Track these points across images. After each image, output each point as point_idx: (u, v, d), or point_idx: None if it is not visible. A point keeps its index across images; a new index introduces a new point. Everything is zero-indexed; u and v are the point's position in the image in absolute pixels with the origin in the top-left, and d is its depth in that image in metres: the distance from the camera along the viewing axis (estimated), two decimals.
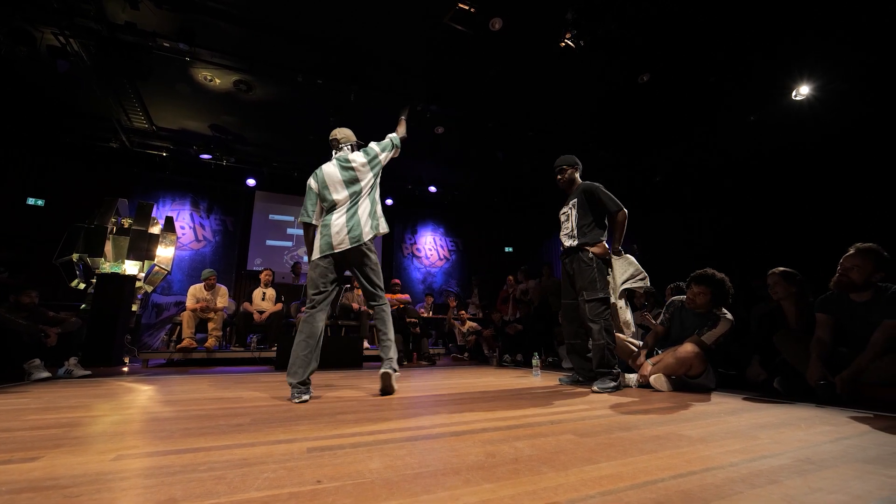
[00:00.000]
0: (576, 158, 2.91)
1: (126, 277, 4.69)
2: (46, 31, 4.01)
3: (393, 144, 2.59)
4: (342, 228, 2.24)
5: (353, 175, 2.35)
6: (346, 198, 2.31)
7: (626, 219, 2.60)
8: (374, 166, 2.44)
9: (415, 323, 5.03)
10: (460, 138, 6.16)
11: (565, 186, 2.90)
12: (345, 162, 2.38)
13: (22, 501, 0.79)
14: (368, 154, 2.45)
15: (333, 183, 2.32)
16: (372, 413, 1.68)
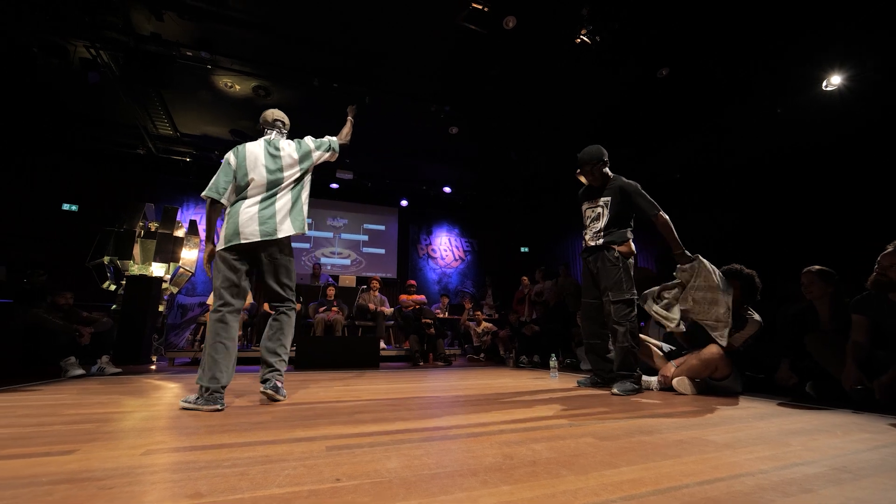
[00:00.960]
0: (602, 150, 2.66)
1: (153, 279, 4.86)
2: (79, 44, 4.20)
3: (330, 146, 2.33)
4: (253, 218, 2.00)
5: (279, 164, 2.11)
6: (263, 185, 2.07)
7: (667, 222, 2.44)
8: (305, 162, 2.20)
9: (429, 324, 5.04)
10: (474, 138, 6.15)
11: (594, 182, 2.69)
12: (274, 149, 2.14)
13: (60, 492, 0.82)
14: (301, 148, 2.21)
15: (256, 166, 2.07)
16: (389, 413, 1.69)
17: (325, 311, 5.16)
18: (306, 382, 2.83)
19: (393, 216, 8.84)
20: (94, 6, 3.78)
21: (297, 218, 2.11)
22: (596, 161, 2.66)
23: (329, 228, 8.31)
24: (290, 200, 2.11)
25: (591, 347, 2.69)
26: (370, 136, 6.18)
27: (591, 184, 2.73)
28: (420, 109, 5.38)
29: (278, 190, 2.09)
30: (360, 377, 3.22)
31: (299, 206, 2.14)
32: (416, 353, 4.77)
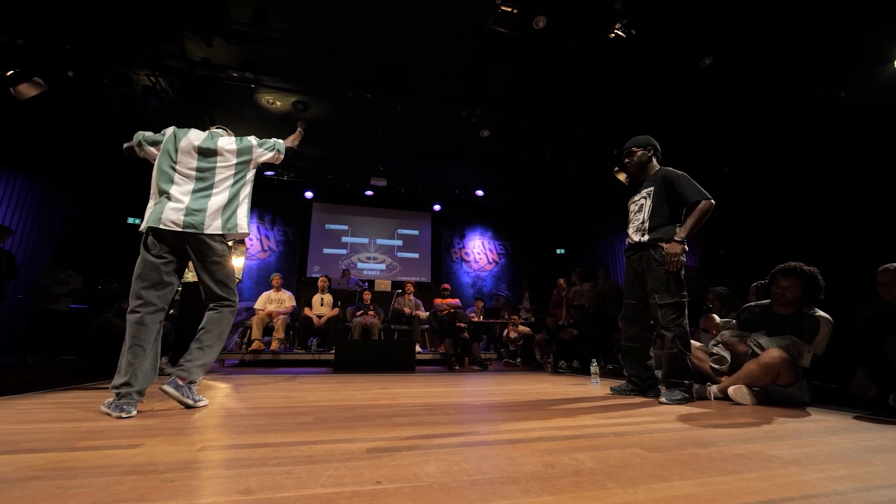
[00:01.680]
0: (651, 139, 2.54)
1: None
2: (141, 73, 4.60)
3: (275, 147, 2.25)
4: (178, 204, 1.88)
5: (213, 149, 2.02)
6: (192, 170, 1.96)
7: (708, 210, 2.25)
8: (243, 156, 2.10)
9: (464, 327, 5.02)
10: (507, 140, 6.10)
11: (636, 171, 2.55)
12: (211, 137, 2.09)
13: (128, 483, 0.89)
14: (242, 143, 2.13)
15: (189, 147, 1.99)
16: (425, 417, 1.69)
17: (362, 314, 5.28)
18: (345, 385, 2.90)
19: (426, 221, 8.93)
20: (154, 38, 4.13)
21: (233, 219, 1.99)
22: (639, 147, 2.53)
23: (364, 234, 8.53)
24: (228, 196, 2.00)
25: (628, 351, 2.54)
26: (402, 143, 6.29)
27: (636, 175, 2.59)
28: (451, 114, 5.41)
29: (209, 179, 1.98)
30: (397, 380, 3.26)
31: (236, 203, 2.02)
32: (451, 357, 4.76)
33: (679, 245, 2.26)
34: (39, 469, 0.98)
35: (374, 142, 6.20)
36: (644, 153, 2.53)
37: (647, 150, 2.53)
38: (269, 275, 7.06)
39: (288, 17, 3.97)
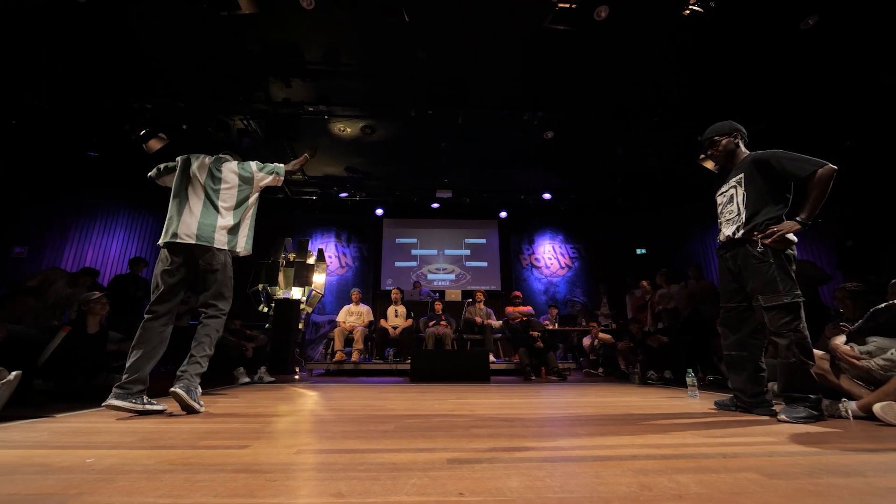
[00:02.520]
0: (734, 124, 2.27)
1: (294, 301, 5.73)
2: (236, 118, 5.31)
3: (274, 171, 2.43)
4: (191, 220, 2.11)
5: (219, 174, 2.25)
6: (202, 192, 2.19)
7: (831, 178, 1.87)
8: (246, 180, 2.32)
9: (537, 336, 4.85)
10: (573, 139, 5.86)
11: (722, 161, 2.30)
12: (216, 165, 2.30)
13: (240, 480, 1.00)
14: (244, 169, 2.35)
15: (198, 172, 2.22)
16: (504, 429, 1.65)
17: (435, 325, 5.39)
18: (422, 394, 2.96)
19: (493, 228, 8.89)
20: (246, 87, 4.76)
21: (234, 237, 2.20)
22: (722, 135, 2.26)
23: (433, 246, 8.74)
24: (232, 219, 2.21)
25: (731, 362, 2.21)
26: (465, 154, 6.38)
27: (723, 166, 2.32)
28: (512, 120, 5.36)
29: (218, 205, 2.19)
30: (473, 391, 3.24)
31: (239, 226, 2.24)
32: (526, 366, 4.63)
33: (794, 224, 1.91)
34: (172, 463, 1.15)
35: (437, 155, 6.37)
36: (729, 141, 2.25)
37: (732, 137, 2.25)
38: (347, 289, 7.57)
39: (353, 51, 4.29)
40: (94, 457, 1.21)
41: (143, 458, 1.20)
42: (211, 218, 2.15)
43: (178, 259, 2.11)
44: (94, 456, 1.22)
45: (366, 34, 4.04)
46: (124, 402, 1.89)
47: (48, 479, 1.01)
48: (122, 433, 1.58)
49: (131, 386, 1.93)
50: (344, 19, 3.82)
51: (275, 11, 3.63)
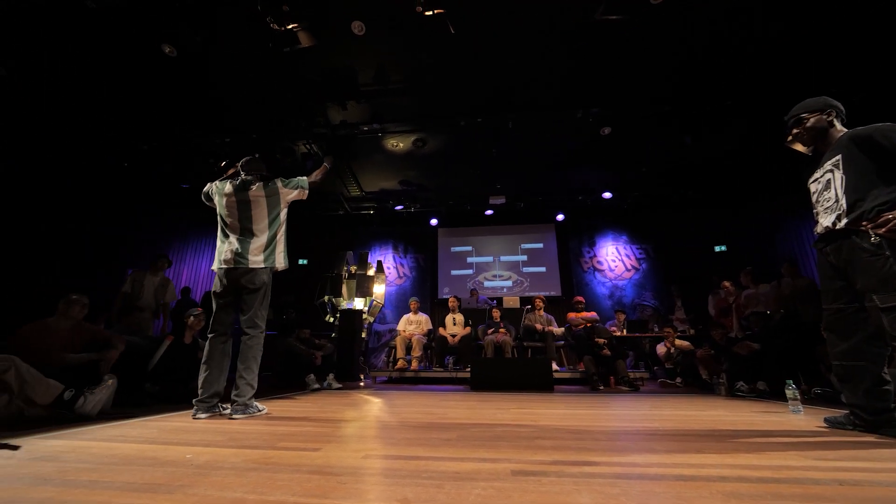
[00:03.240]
0: (828, 100, 1.98)
1: (357, 311, 6.01)
2: (299, 143, 5.76)
3: (298, 185, 2.54)
4: (230, 247, 2.31)
5: (246, 197, 2.38)
6: (237, 216, 2.35)
7: None
8: (272, 198, 2.43)
9: (603, 343, 4.57)
10: (632, 133, 5.53)
11: (812, 143, 2.02)
12: (241, 188, 2.41)
13: (314, 481, 1.06)
14: (268, 187, 2.44)
15: (227, 198, 2.39)
16: (571, 441, 1.57)
17: (493, 332, 5.32)
18: (483, 403, 2.93)
19: (550, 232, 8.63)
20: (308, 114, 5.16)
21: (270, 254, 2.34)
22: (810, 112, 1.98)
23: (489, 253, 8.69)
24: (265, 238, 2.35)
25: (844, 373, 1.88)
26: (517, 158, 6.29)
27: (816, 148, 2.02)
28: (564, 119, 5.19)
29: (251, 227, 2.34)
30: (535, 400, 3.13)
31: (273, 242, 2.37)
32: (592, 375, 4.38)
33: None
34: (255, 462, 1.25)
35: (489, 162, 6.36)
36: (820, 118, 1.95)
37: (823, 115, 1.95)
38: (406, 299, 7.78)
39: (402, 68, 4.46)
40: (192, 453, 1.36)
41: (231, 456, 1.32)
42: (247, 241, 2.33)
43: (226, 282, 2.32)
44: (192, 452, 1.37)
45: (413, 51, 4.18)
46: (206, 413, 2.19)
47: (157, 470, 1.15)
48: (213, 433, 1.75)
49: (209, 400, 2.22)
50: (392, 40, 4.00)
51: (330, 41, 3.90)
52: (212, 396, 2.22)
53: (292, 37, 3.61)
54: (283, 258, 2.43)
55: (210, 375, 2.23)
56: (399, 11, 3.60)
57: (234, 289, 2.34)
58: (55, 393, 2.05)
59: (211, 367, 2.25)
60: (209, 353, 2.27)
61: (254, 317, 2.30)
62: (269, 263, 2.35)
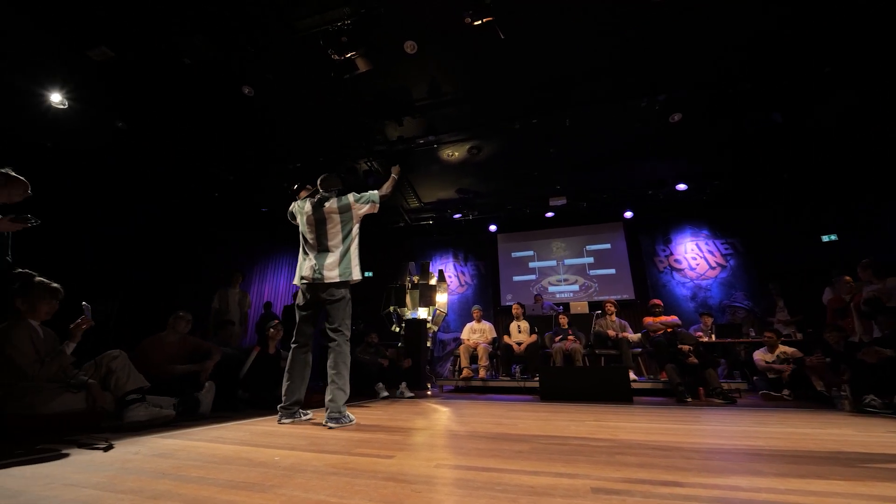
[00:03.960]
0: None
1: (421, 321, 6.14)
2: (361, 162, 6.10)
3: (370, 199, 2.62)
4: (309, 263, 2.44)
5: (322, 215, 2.49)
6: (314, 234, 2.48)
7: None
8: (345, 213, 2.52)
9: (688, 351, 4.13)
10: (709, 116, 5.02)
11: None
12: (317, 205, 2.53)
13: (390, 487, 1.08)
14: (342, 202, 2.54)
15: (305, 216, 2.53)
16: (657, 458, 1.43)
17: (562, 340, 5.09)
18: (555, 414, 2.79)
19: (617, 231, 8.10)
20: (367, 133, 5.46)
21: (348, 267, 2.44)
22: None
23: (552, 257, 8.40)
24: (339, 253, 2.45)
25: None
26: (577, 156, 6.04)
27: None
28: (627, 110, 4.88)
29: (326, 240, 2.46)
30: (613, 412, 2.92)
31: (347, 257, 2.47)
32: (677, 386, 3.97)
33: None
34: (335, 466, 1.31)
35: (547, 163, 6.18)
36: None
37: None
38: (468, 307, 7.77)
39: (454, 79, 4.53)
40: (279, 455, 1.47)
41: (313, 460, 1.40)
42: (323, 257, 2.45)
43: (308, 296, 2.47)
44: (279, 455, 1.48)
45: (463, 61, 4.23)
46: (289, 419, 2.36)
47: (252, 471, 1.26)
48: (296, 437, 1.88)
49: (292, 407, 2.38)
50: (443, 53, 4.09)
51: (384, 63, 4.10)
52: (294, 404, 2.38)
53: (351, 64, 3.85)
54: (357, 271, 2.51)
55: (293, 384, 2.39)
56: (448, 26, 3.67)
57: (316, 302, 2.47)
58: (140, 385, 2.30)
59: (293, 376, 2.40)
60: (291, 362, 2.42)
61: (339, 325, 2.41)
62: (345, 277, 2.44)
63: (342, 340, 2.39)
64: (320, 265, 2.43)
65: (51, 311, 2.19)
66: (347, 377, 2.35)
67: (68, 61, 3.78)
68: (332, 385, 2.27)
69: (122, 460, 1.41)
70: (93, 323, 2.27)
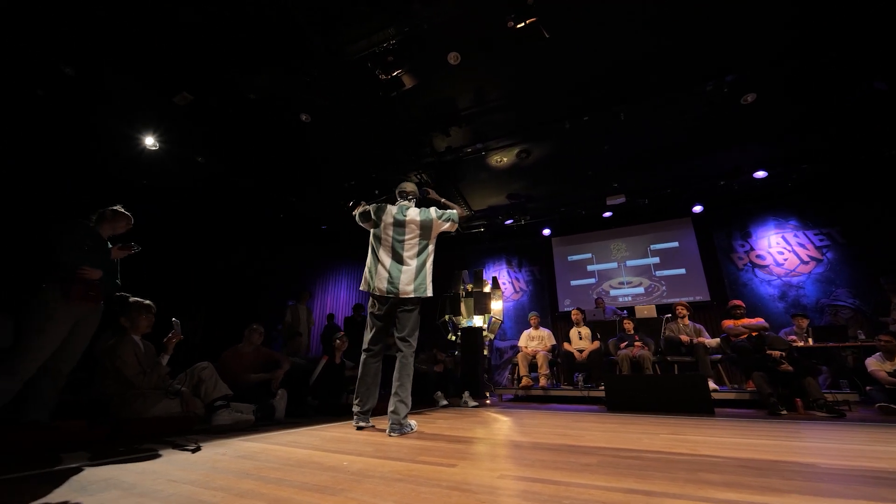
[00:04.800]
0: None
1: (477, 329, 6.10)
2: (411, 175, 6.28)
3: (450, 218, 2.60)
4: (384, 273, 2.41)
5: (403, 221, 2.49)
6: (391, 242, 2.45)
7: None
8: (426, 228, 2.51)
9: (779, 358, 3.66)
10: (787, 95, 4.50)
11: None
12: (401, 212, 2.52)
13: (454, 497, 1.08)
14: (425, 215, 2.54)
15: (388, 222, 2.49)
16: (750, 477, 1.27)
17: (628, 346, 4.78)
18: (624, 426, 2.61)
19: (685, 228, 7.48)
20: (416, 147, 5.62)
21: (423, 283, 2.42)
22: None
23: (612, 259, 7.96)
24: (417, 265, 2.44)
25: None
26: (635, 151, 5.72)
27: None
28: (690, 96, 4.52)
29: (402, 249, 2.44)
30: (691, 425, 2.66)
31: (423, 271, 2.45)
32: (769, 396, 3.53)
33: None
34: (400, 473, 1.34)
35: (601, 161, 5.91)
36: None
37: None
38: (524, 314, 7.60)
39: (499, 84, 4.53)
40: (347, 460, 1.53)
41: (379, 466, 1.45)
42: (398, 268, 2.44)
43: (380, 305, 2.48)
44: (348, 460, 1.54)
45: (508, 66, 4.21)
46: (364, 423, 2.45)
47: (323, 474, 1.33)
48: (363, 443, 1.95)
49: (366, 413, 2.45)
50: (487, 61, 4.10)
51: (429, 76, 4.21)
52: (367, 411, 2.45)
53: (397, 82, 4.01)
54: (430, 288, 2.49)
55: (367, 391, 2.44)
56: (490, 32, 3.69)
57: (388, 313, 2.48)
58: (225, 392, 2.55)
59: (367, 383, 2.44)
60: (363, 371, 2.45)
61: (408, 336, 2.41)
62: (420, 293, 2.43)
63: (409, 353, 2.39)
64: (396, 278, 2.41)
65: (149, 325, 2.51)
66: (410, 389, 2.37)
67: (158, 107, 4.36)
68: (395, 397, 2.29)
69: (212, 460, 1.56)
70: (182, 337, 2.59)
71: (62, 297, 2.00)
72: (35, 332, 1.94)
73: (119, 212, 2.40)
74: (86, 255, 2.13)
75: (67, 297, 2.01)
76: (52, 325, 1.98)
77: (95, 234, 2.25)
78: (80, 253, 2.12)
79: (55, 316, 1.99)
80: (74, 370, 2.16)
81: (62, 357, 2.06)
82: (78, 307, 2.08)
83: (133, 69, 3.88)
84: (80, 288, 2.05)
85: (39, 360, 1.96)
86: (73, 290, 2.02)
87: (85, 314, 2.13)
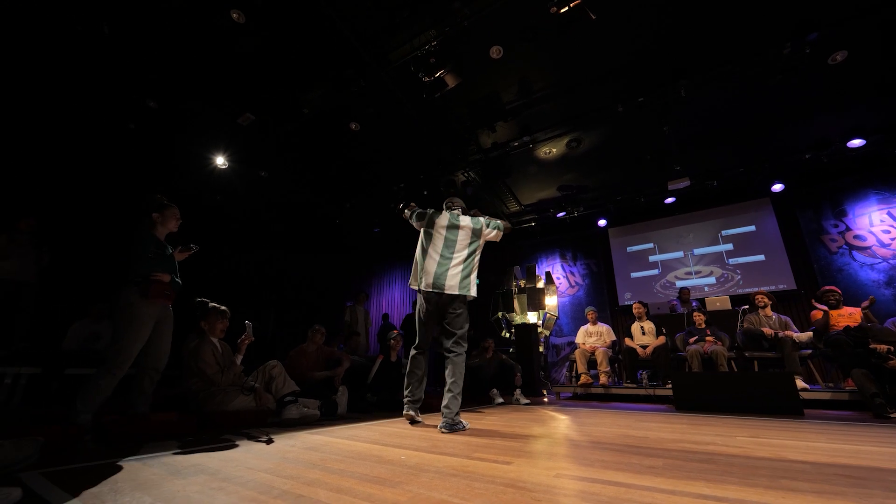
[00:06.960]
0: None
1: (531, 325, 5.98)
2: (458, 174, 6.31)
3: (497, 227, 2.72)
4: (431, 271, 2.52)
5: (456, 225, 2.64)
6: (441, 244, 2.58)
7: None
8: (476, 234, 2.65)
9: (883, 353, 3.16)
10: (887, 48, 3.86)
11: None
12: (454, 217, 2.68)
13: (508, 494, 1.08)
14: (475, 223, 2.68)
15: (439, 226, 2.64)
16: (847, 486, 1.12)
17: (698, 341, 4.41)
18: (695, 426, 2.42)
19: (763, 209, 6.72)
20: (462, 145, 5.63)
21: (466, 284, 2.52)
22: None
23: (677, 248, 7.38)
24: (463, 266, 2.55)
25: None
26: (700, 130, 5.26)
27: None
28: (762, 62, 4.05)
29: (452, 252, 2.56)
30: (774, 426, 2.39)
31: (469, 271, 2.56)
32: (873, 396, 3.06)
33: None
34: (455, 469, 1.36)
35: (660, 143, 5.50)
36: None
37: None
38: (581, 309, 7.31)
39: (544, 74, 4.39)
40: (405, 455, 1.59)
41: (435, 461, 1.48)
42: (447, 269, 2.54)
43: (429, 303, 2.57)
44: (405, 454, 1.60)
45: (552, 54, 4.07)
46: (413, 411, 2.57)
47: (381, 467, 1.39)
48: (419, 438, 2.01)
49: (415, 403, 2.58)
50: (530, 51, 4.00)
51: (471, 73, 4.19)
52: (417, 400, 2.59)
53: (440, 82, 4.05)
54: (475, 289, 2.59)
55: (417, 383, 2.60)
56: (533, 21, 3.59)
57: (437, 311, 2.58)
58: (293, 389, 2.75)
59: (417, 376, 2.60)
60: (413, 365, 2.61)
61: (458, 334, 2.50)
62: (464, 291, 2.53)
63: (460, 350, 2.47)
64: (441, 275, 2.52)
65: (224, 329, 2.77)
66: (462, 385, 2.42)
67: (227, 129, 4.81)
68: (449, 394, 2.35)
69: (283, 451, 1.70)
70: (253, 339, 2.85)
71: (141, 297, 2.22)
72: (124, 333, 2.18)
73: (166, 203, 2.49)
74: (152, 263, 2.30)
75: (146, 297, 2.23)
76: (137, 324, 2.20)
77: (155, 241, 2.41)
78: (147, 262, 2.29)
79: (138, 314, 2.20)
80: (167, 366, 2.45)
81: (155, 356, 2.33)
82: (156, 306, 2.29)
83: (201, 96, 4.31)
84: (157, 287, 2.26)
85: (131, 357, 2.19)
86: (151, 290, 2.24)
87: (163, 314, 2.36)
